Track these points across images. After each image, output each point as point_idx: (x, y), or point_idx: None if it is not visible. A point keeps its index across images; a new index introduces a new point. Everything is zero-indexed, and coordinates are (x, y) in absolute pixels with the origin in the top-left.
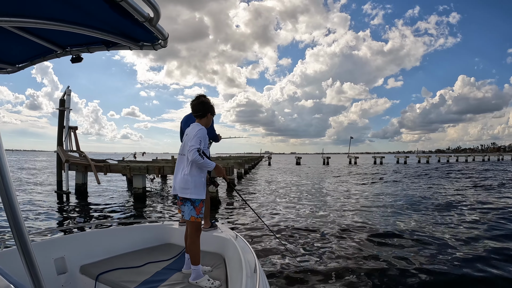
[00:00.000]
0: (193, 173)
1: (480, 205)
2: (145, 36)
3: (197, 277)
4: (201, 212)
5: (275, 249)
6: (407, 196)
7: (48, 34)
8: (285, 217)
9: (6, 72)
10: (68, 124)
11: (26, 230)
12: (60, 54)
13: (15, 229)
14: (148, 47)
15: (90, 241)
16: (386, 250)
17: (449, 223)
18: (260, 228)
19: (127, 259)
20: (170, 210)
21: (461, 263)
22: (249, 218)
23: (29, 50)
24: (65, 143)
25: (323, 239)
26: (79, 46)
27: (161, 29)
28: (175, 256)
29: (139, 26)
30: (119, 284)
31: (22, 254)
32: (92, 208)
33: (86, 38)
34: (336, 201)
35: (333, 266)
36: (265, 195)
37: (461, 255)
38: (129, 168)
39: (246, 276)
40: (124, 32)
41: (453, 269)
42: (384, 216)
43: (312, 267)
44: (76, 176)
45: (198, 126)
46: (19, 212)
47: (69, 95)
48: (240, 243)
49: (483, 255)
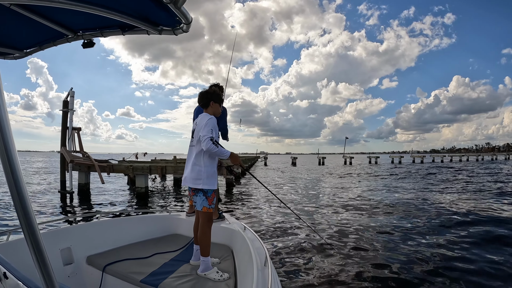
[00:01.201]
0: (206, 163)
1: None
2: (166, 19)
3: (206, 269)
4: (213, 202)
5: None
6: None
7: (60, 16)
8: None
9: (14, 58)
10: (72, 125)
11: (36, 220)
12: (71, 39)
13: (24, 218)
14: (168, 32)
15: (96, 231)
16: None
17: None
18: (265, 221)
19: (134, 250)
20: (173, 208)
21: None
22: (253, 210)
23: (38, 34)
24: (69, 144)
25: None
26: (92, 30)
27: (186, 12)
28: (182, 247)
29: (162, 8)
30: (127, 275)
31: (30, 244)
32: (96, 207)
33: (101, 22)
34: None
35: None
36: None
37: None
38: (132, 168)
39: (257, 269)
40: (144, 14)
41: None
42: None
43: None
44: (79, 176)
45: (207, 116)
46: (28, 202)
47: (72, 97)
48: (249, 234)
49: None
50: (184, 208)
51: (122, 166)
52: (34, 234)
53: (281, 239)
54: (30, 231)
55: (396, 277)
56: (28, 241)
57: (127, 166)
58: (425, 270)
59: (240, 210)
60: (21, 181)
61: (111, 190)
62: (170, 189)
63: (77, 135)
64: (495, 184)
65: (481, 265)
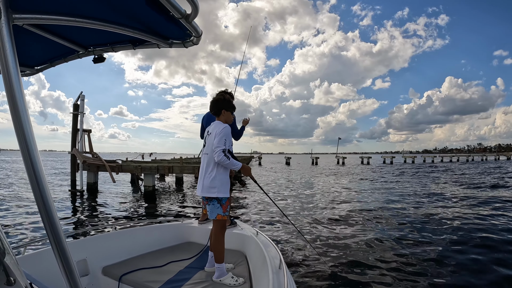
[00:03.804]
0: (220, 171)
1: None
2: (177, 33)
3: (221, 275)
4: (227, 210)
5: (295, 246)
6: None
7: (71, 33)
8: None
9: (24, 75)
10: (82, 127)
11: (63, 231)
12: (82, 55)
13: (50, 231)
14: (178, 45)
15: (111, 242)
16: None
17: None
18: (279, 225)
19: (149, 259)
20: (182, 206)
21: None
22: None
23: (49, 51)
24: (80, 145)
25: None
26: (103, 46)
27: (196, 26)
28: (196, 254)
29: (173, 23)
30: (143, 284)
31: (58, 256)
32: (108, 206)
33: (112, 37)
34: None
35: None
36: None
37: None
38: (140, 168)
39: (272, 273)
40: (155, 29)
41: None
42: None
43: (335, 262)
44: (88, 175)
45: (221, 125)
46: (55, 213)
47: (83, 100)
48: (262, 239)
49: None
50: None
51: (131, 166)
52: (61, 244)
53: (293, 243)
54: (57, 241)
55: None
56: (55, 250)
57: (136, 166)
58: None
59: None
60: (48, 197)
61: (118, 189)
62: (170, 186)
63: (88, 136)
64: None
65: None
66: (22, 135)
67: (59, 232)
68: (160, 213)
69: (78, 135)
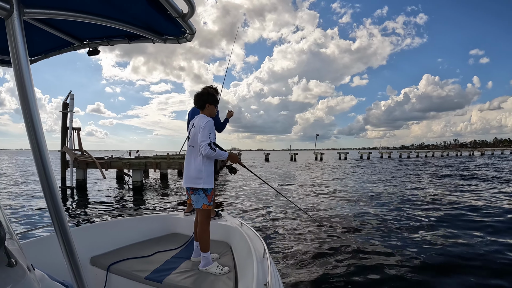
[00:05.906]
0: (205, 163)
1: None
2: (172, 30)
3: (206, 263)
4: (212, 199)
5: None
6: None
7: (69, 26)
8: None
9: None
10: (72, 125)
11: (67, 221)
12: (77, 47)
13: (56, 222)
14: (172, 41)
15: (98, 233)
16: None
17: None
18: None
19: (136, 249)
20: (167, 199)
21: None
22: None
23: (45, 43)
24: (69, 143)
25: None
26: (98, 39)
27: (191, 24)
28: (182, 245)
29: (170, 21)
30: (131, 273)
31: (62, 244)
32: (97, 201)
33: (108, 31)
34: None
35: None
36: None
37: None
38: (129, 164)
39: (256, 261)
40: (152, 26)
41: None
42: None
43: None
44: (77, 172)
45: (205, 118)
46: (60, 205)
47: (72, 99)
48: (246, 230)
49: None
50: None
51: (120, 162)
52: (65, 232)
53: (275, 228)
54: (62, 230)
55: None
56: (59, 236)
57: (124, 163)
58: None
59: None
60: (55, 191)
61: (106, 186)
62: (152, 182)
63: (77, 134)
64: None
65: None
66: (31, 124)
67: (64, 223)
68: (147, 207)
69: (68, 134)
